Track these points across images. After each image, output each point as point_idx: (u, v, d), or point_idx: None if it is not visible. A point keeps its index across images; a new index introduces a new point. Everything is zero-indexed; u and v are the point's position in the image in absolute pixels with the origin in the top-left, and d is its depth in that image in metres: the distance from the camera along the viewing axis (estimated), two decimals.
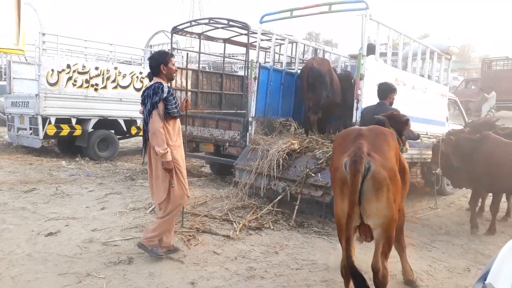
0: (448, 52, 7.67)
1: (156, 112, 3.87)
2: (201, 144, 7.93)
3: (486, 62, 23.06)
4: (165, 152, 3.85)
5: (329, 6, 5.66)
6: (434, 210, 6.78)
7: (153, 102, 3.87)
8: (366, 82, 5.30)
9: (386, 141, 3.22)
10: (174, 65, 4.12)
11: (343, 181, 2.97)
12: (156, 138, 3.86)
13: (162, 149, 3.84)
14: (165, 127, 3.94)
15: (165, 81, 4.07)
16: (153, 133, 3.87)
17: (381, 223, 2.99)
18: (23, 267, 3.72)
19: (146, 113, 3.96)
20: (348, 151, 3.00)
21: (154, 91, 3.90)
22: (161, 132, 3.86)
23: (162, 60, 4.06)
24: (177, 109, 3.99)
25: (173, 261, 4.03)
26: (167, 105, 3.92)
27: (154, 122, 3.87)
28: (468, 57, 54.43)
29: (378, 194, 2.92)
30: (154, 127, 3.86)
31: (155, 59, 4.09)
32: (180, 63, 11.80)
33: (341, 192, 3.00)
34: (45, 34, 9.13)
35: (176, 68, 4.19)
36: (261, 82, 6.77)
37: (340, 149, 3.19)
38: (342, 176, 2.98)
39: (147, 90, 4.01)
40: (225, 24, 8.07)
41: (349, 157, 2.94)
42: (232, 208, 5.67)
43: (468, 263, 4.56)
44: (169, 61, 4.07)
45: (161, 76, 4.06)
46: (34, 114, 9.21)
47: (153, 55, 4.24)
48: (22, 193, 6.28)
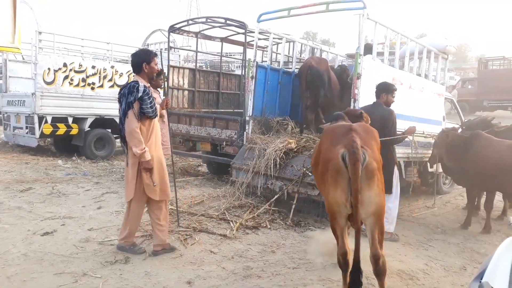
0: (445, 52, 7.69)
1: (131, 112, 3.82)
2: (198, 143, 7.92)
3: (482, 62, 23.16)
4: (143, 152, 3.82)
5: (326, 5, 5.66)
6: (430, 209, 6.80)
7: (128, 102, 3.83)
8: (363, 81, 5.30)
9: (373, 137, 3.47)
10: (156, 65, 4.08)
11: (337, 171, 3.10)
12: (133, 138, 3.82)
13: (139, 149, 3.80)
14: (140, 128, 3.89)
15: (144, 80, 4.02)
16: (130, 133, 3.83)
17: (374, 211, 3.15)
18: (18, 267, 3.70)
19: (122, 112, 3.91)
20: (341, 143, 3.16)
21: (129, 90, 3.85)
22: (137, 132, 3.82)
23: (145, 58, 4.01)
24: (152, 109, 3.91)
25: (169, 260, 4.02)
26: (142, 105, 3.85)
27: (130, 122, 3.82)
28: (465, 57, 54.57)
29: (370, 183, 3.09)
30: (130, 127, 3.82)
31: (139, 56, 4.04)
32: (177, 62, 11.79)
33: (334, 182, 3.13)
34: (41, 32, 9.08)
35: (158, 68, 4.15)
36: (259, 81, 6.77)
37: (331, 142, 3.33)
38: (337, 167, 3.11)
39: (123, 89, 3.96)
40: (222, 23, 8.05)
41: (346, 148, 3.08)
42: (229, 207, 5.66)
43: (464, 261, 4.57)
44: (152, 60, 4.03)
45: (141, 74, 4.02)
46: (30, 113, 9.17)
47: (136, 52, 4.18)
48: (18, 192, 6.25)
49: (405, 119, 6.31)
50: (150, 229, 4.75)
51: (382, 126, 4.85)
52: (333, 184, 3.15)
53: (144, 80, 4.01)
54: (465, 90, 22.63)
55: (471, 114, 18.67)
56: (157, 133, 4.13)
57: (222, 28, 8.61)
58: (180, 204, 5.77)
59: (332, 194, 3.15)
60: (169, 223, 4.99)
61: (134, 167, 3.98)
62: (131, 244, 4.16)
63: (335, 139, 3.31)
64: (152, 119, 4.00)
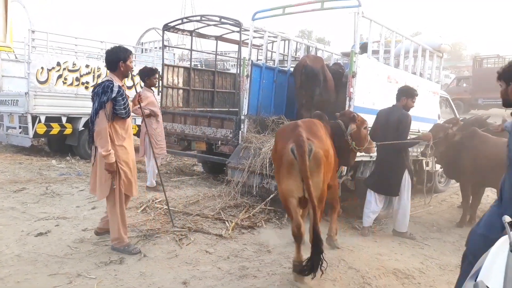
0: (440, 50, 7.69)
1: (103, 112, 3.81)
2: (193, 143, 7.88)
3: (477, 60, 23.28)
4: (108, 154, 3.81)
5: (321, 3, 5.65)
6: (426, 207, 6.81)
7: (101, 102, 3.81)
8: (358, 80, 5.29)
9: (319, 129, 3.99)
10: (131, 62, 4.09)
11: (290, 163, 3.61)
12: (100, 139, 3.83)
13: (105, 151, 3.80)
14: (113, 127, 3.91)
15: (119, 78, 4.02)
16: (98, 133, 3.83)
17: (318, 195, 3.66)
18: (12, 268, 3.67)
19: (93, 111, 3.89)
20: (290, 139, 3.66)
21: (103, 90, 3.83)
22: (106, 133, 3.81)
23: (122, 56, 3.99)
24: (125, 110, 3.92)
25: (165, 260, 4.00)
26: (115, 106, 3.86)
27: (100, 122, 3.82)
28: (459, 55, 54.77)
29: (317, 171, 3.64)
30: (100, 126, 3.82)
31: (116, 54, 4.00)
32: (172, 61, 11.74)
33: (287, 173, 3.65)
34: (34, 31, 9.00)
35: (133, 66, 4.15)
36: (254, 79, 6.74)
37: (282, 139, 3.84)
38: (289, 159, 3.61)
39: (97, 87, 3.93)
40: (217, 21, 8.02)
41: (294, 143, 3.58)
42: (225, 207, 5.64)
43: (460, 260, 4.55)
44: (128, 58, 4.03)
45: (117, 73, 4.01)
46: (23, 113, 9.09)
47: (112, 49, 4.10)
48: (11, 192, 6.20)
49: None
50: (145, 229, 4.73)
51: (397, 129, 4.90)
52: (286, 175, 3.67)
53: (118, 79, 4.01)
54: (460, 88, 22.74)
55: (466, 112, 18.74)
56: (131, 133, 4.19)
57: (217, 27, 8.58)
58: (175, 204, 5.76)
59: (285, 182, 3.68)
60: (164, 223, 4.98)
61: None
62: (125, 244, 4.14)
63: (284, 136, 3.83)
64: (126, 119, 4.03)
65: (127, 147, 4.05)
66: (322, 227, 3.92)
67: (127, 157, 4.05)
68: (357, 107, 5.31)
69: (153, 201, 5.74)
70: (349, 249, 4.64)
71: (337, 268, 4.07)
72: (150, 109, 6.55)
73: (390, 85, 5.95)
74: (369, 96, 5.57)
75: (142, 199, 6.00)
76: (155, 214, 5.33)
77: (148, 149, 6.66)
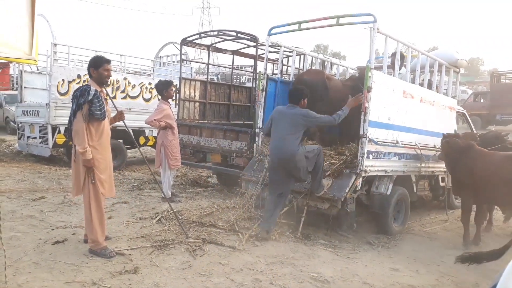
0: (457, 65, 7.65)
1: (80, 113, 4.11)
2: (208, 154, 7.95)
3: (495, 76, 22.98)
4: (85, 151, 4.08)
5: (337, 19, 5.69)
6: (442, 224, 6.71)
7: (78, 103, 4.13)
8: (373, 94, 5.29)
9: None
10: (107, 70, 4.35)
11: None
12: (78, 137, 4.11)
13: (82, 148, 4.09)
14: (88, 128, 4.18)
15: (95, 84, 4.29)
16: (76, 132, 4.13)
17: None
18: (30, 275, 3.74)
19: (71, 112, 4.19)
20: None
21: (81, 93, 4.15)
22: (83, 132, 4.10)
23: (93, 64, 4.33)
24: (100, 111, 4.19)
25: (178, 271, 4.02)
26: (91, 107, 4.14)
27: (77, 122, 4.11)
28: (477, 71, 54.22)
29: None
30: (77, 126, 4.12)
31: (89, 62, 4.39)
32: (189, 74, 11.92)
33: None
34: (57, 44, 9.27)
35: (109, 74, 4.38)
36: (269, 93, 6.79)
37: None
38: None
39: (76, 91, 4.24)
40: (233, 36, 8.14)
41: None
42: (238, 219, 5.65)
43: (477, 278, 4.49)
44: (101, 66, 4.31)
45: (93, 78, 4.34)
46: (44, 123, 9.32)
47: (90, 59, 4.48)
48: (30, 201, 6.33)
49: (416, 132, 6.28)
50: (160, 239, 4.78)
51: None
52: None
53: (94, 84, 4.29)
54: (477, 104, 22.45)
55: (483, 128, 18.47)
56: (107, 134, 4.40)
57: (234, 41, 8.70)
58: (190, 215, 5.81)
59: None
60: (178, 234, 5.03)
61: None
62: (102, 247, 4.28)
63: None
64: (101, 121, 4.27)
65: (99, 148, 4.27)
66: None
67: (99, 157, 4.27)
68: (372, 122, 5.30)
69: (168, 211, 5.79)
70: (363, 264, 4.60)
71: (351, 283, 4.03)
72: (166, 121, 6.67)
73: (405, 100, 5.94)
74: (385, 111, 5.56)
75: (158, 210, 6.07)
76: (170, 224, 5.38)
77: (163, 161, 6.76)
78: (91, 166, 4.17)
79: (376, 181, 5.83)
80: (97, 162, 4.23)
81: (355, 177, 5.31)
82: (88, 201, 4.26)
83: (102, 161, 4.30)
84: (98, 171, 4.24)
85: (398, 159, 6.00)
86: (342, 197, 5.19)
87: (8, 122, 16.36)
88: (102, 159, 4.30)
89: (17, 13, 2.85)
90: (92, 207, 4.25)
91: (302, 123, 5.19)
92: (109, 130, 4.45)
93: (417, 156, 6.38)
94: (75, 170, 4.30)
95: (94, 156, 4.18)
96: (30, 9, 2.91)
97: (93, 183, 4.22)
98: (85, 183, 4.24)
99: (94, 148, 4.20)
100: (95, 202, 4.27)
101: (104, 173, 4.33)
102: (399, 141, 5.83)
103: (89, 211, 4.27)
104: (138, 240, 4.80)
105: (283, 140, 5.15)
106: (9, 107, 16.15)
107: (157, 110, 6.74)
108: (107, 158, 4.41)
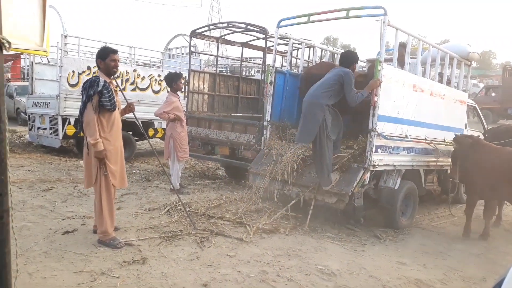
0: (468, 58, 7.55)
1: (90, 105, 4.10)
2: (217, 147, 7.97)
3: (507, 69, 22.67)
4: (96, 142, 4.09)
5: (346, 11, 5.64)
6: (450, 218, 6.68)
7: (88, 95, 4.11)
8: (383, 88, 5.25)
9: None
10: (114, 61, 4.31)
11: None
12: (89, 128, 4.12)
13: (93, 139, 4.09)
14: (99, 119, 4.18)
15: (105, 75, 4.28)
16: (87, 124, 4.13)
17: None
18: (40, 264, 3.80)
19: (82, 104, 4.18)
20: None
21: (90, 84, 4.15)
22: (94, 123, 4.10)
23: (99, 55, 4.32)
24: (110, 102, 4.18)
25: (186, 262, 4.06)
26: (101, 98, 4.13)
27: (88, 114, 4.13)
28: (489, 64, 53.48)
29: None
30: (88, 118, 4.12)
31: (96, 54, 4.37)
32: (198, 67, 11.92)
33: None
34: (67, 36, 9.31)
35: (116, 64, 4.35)
36: (277, 86, 6.77)
37: None
38: None
39: (85, 83, 4.24)
40: (243, 28, 8.12)
41: None
42: (246, 211, 5.68)
43: (484, 273, 4.47)
44: (108, 57, 4.28)
45: (101, 70, 4.32)
46: (54, 114, 9.40)
47: (98, 50, 4.46)
48: (41, 191, 6.41)
49: (426, 126, 6.23)
50: (168, 230, 4.82)
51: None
52: None
53: (103, 75, 4.28)
54: (489, 97, 22.19)
55: (495, 122, 18.27)
56: (118, 125, 4.40)
57: (243, 33, 8.67)
58: (198, 207, 5.85)
59: None
60: (186, 225, 5.07)
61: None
62: (111, 238, 4.31)
63: None
64: (112, 112, 4.26)
65: (110, 140, 4.28)
66: None
67: (111, 149, 4.28)
68: (381, 116, 5.27)
69: (177, 203, 5.83)
70: (370, 257, 4.61)
71: (357, 276, 4.04)
72: (175, 113, 6.69)
73: (415, 94, 5.89)
74: (394, 104, 5.52)
75: (166, 201, 6.11)
76: (178, 216, 5.42)
77: (172, 153, 6.79)
78: (103, 157, 4.18)
79: (384, 175, 5.81)
80: (109, 153, 4.24)
81: (363, 171, 5.30)
82: (99, 192, 4.29)
83: (113, 152, 4.31)
84: (109, 162, 4.26)
85: (407, 153, 5.96)
86: (350, 191, 5.18)
87: (19, 113, 16.52)
88: (113, 150, 4.31)
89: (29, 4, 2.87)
90: (103, 198, 4.28)
91: (337, 79, 5.32)
92: (120, 121, 4.46)
93: (426, 150, 6.34)
94: (87, 163, 4.32)
95: (106, 148, 4.19)
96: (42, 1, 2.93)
97: (105, 174, 4.24)
98: (97, 174, 4.26)
99: (105, 139, 4.21)
100: (106, 193, 4.30)
101: (116, 165, 4.34)
102: (408, 135, 5.79)
103: (99, 202, 4.30)
104: (147, 231, 4.84)
105: (314, 92, 5.40)
106: (20, 98, 16.29)
107: (167, 102, 6.76)
108: (119, 149, 4.42)
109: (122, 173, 4.48)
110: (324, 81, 5.43)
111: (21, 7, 2.84)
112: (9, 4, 2.00)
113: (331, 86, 5.33)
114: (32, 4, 2.89)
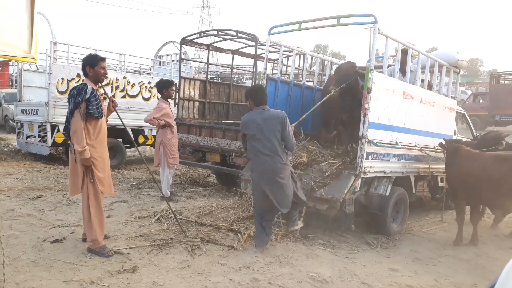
0: (457, 66, 7.65)
1: (77, 112, 4.09)
2: (208, 154, 7.95)
3: (494, 77, 22.99)
4: (83, 150, 4.07)
5: (337, 19, 5.68)
6: (440, 224, 6.72)
7: (76, 102, 4.10)
8: (373, 96, 5.28)
9: None
10: (104, 68, 4.31)
11: None
12: (77, 136, 4.10)
13: (80, 147, 4.07)
14: (86, 127, 4.16)
15: (91, 83, 4.26)
16: (74, 131, 4.11)
17: None
18: (28, 274, 3.73)
19: (69, 112, 4.17)
20: None
21: (78, 92, 4.13)
22: (81, 131, 4.08)
23: (88, 62, 4.29)
24: (98, 110, 4.17)
25: (177, 270, 4.02)
26: (89, 106, 4.12)
27: (75, 122, 4.11)
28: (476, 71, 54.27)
29: None
30: (75, 126, 4.11)
31: (84, 61, 4.35)
32: (189, 74, 11.91)
33: None
34: (56, 43, 9.25)
35: (105, 71, 4.35)
36: (269, 93, 6.76)
37: None
38: None
39: (72, 90, 4.22)
40: (233, 36, 8.14)
41: None
42: (237, 219, 5.66)
43: (475, 279, 4.50)
44: (97, 64, 4.27)
45: (88, 77, 4.29)
46: (43, 122, 9.31)
47: (84, 57, 4.45)
48: (29, 199, 6.33)
49: (416, 133, 6.28)
50: (158, 238, 4.78)
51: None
52: None
53: (91, 83, 4.26)
54: (477, 104, 22.48)
55: (483, 129, 18.50)
56: (104, 133, 4.38)
57: (233, 41, 8.69)
58: (189, 215, 5.81)
59: None
60: (177, 233, 5.02)
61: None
62: (101, 246, 4.27)
63: None
64: (98, 120, 4.25)
65: (97, 147, 4.26)
66: None
67: (97, 156, 4.26)
68: (372, 123, 5.30)
69: (167, 211, 5.78)
70: (362, 264, 4.61)
71: (349, 283, 4.04)
72: (165, 120, 6.67)
73: (405, 101, 5.94)
74: (384, 112, 5.56)
75: (156, 209, 6.06)
76: (169, 224, 5.38)
77: (162, 159, 6.76)
78: (89, 165, 4.16)
79: (375, 182, 5.83)
80: (96, 161, 4.23)
81: (354, 178, 5.31)
82: (87, 200, 4.25)
83: (100, 159, 4.29)
84: (96, 169, 4.24)
85: (398, 160, 6.00)
86: (341, 198, 5.19)
87: (7, 120, 16.34)
88: (100, 157, 4.29)
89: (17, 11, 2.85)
90: (91, 206, 4.25)
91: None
92: (106, 128, 4.45)
93: (416, 157, 6.38)
94: (73, 170, 4.29)
95: (92, 155, 4.17)
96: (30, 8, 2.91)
97: (92, 182, 4.22)
98: (84, 182, 4.23)
99: (92, 146, 4.19)
100: (95, 201, 4.26)
101: (103, 172, 4.32)
102: (398, 142, 5.83)
103: (88, 210, 4.26)
104: (137, 239, 4.79)
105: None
106: (8, 105, 16.12)
107: (157, 109, 6.75)
108: (105, 156, 4.40)
109: (109, 180, 4.46)
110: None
111: (8, 14, 2.83)
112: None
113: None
114: (20, 12, 2.88)
